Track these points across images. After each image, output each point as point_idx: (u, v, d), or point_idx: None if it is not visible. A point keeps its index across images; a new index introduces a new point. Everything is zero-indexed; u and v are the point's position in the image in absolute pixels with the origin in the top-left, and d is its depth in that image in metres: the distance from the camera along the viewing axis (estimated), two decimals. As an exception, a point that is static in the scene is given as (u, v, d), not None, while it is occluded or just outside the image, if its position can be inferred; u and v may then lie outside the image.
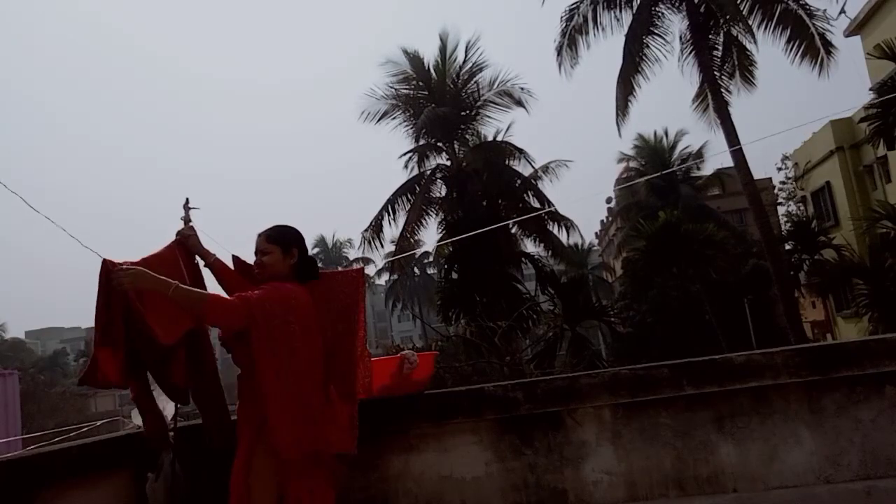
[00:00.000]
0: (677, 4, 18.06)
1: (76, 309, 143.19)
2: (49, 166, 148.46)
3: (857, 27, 21.48)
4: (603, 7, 18.35)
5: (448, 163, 21.24)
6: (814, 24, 16.71)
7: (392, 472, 3.50)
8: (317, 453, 2.97)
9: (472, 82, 21.15)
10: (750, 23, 17.36)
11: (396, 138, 22.06)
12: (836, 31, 17.83)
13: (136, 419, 3.70)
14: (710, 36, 18.13)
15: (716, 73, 18.03)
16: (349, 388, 3.24)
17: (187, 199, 3.61)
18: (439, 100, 20.73)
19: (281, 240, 3.16)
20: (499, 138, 21.27)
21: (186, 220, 3.55)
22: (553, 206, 21.05)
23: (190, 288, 2.92)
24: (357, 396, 3.27)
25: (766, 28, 17.25)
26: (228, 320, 2.91)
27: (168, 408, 3.60)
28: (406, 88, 21.57)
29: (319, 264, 3.48)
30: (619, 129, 19.06)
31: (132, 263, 2.94)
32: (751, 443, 3.26)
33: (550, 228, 21.25)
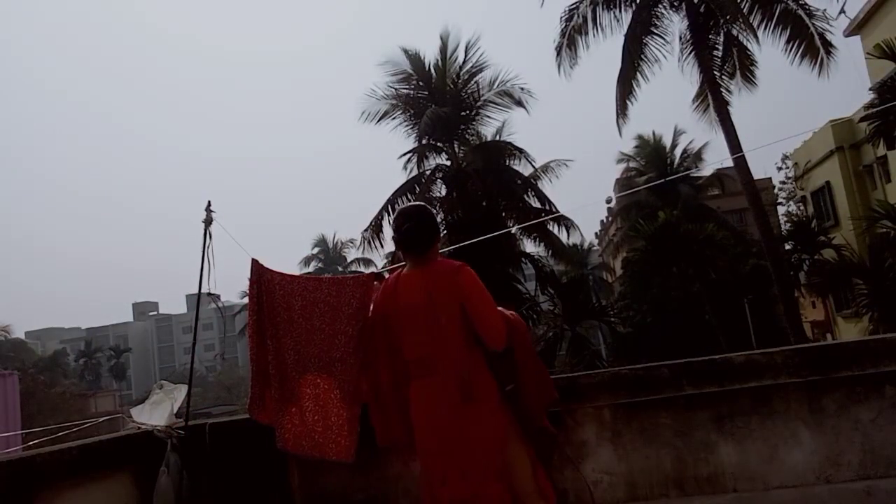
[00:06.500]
0: (677, 4, 18.03)
1: (76, 309, 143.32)
2: (63, 147, 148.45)
3: (857, 27, 21.47)
4: (602, 7, 18.32)
5: (448, 163, 21.23)
6: (813, 24, 16.68)
7: (392, 472, 3.50)
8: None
9: (473, 82, 21.14)
10: (750, 22, 17.35)
11: (396, 138, 22.08)
12: (835, 31, 17.82)
13: (137, 418, 3.70)
14: (710, 36, 18.11)
15: (716, 73, 18.01)
16: (352, 391, 3.25)
17: (209, 203, 3.63)
18: (439, 100, 20.72)
19: None
20: (498, 137, 21.29)
21: (207, 221, 3.57)
22: (553, 205, 21.06)
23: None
24: (360, 400, 3.29)
25: (765, 28, 17.22)
26: None
27: (156, 416, 3.61)
28: (406, 88, 21.55)
29: (320, 265, 3.50)
30: (619, 129, 19.06)
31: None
32: (751, 443, 3.26)
33: (550, 228, 21.25)
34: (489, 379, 2.93)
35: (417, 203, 3.25)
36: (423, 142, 21.04)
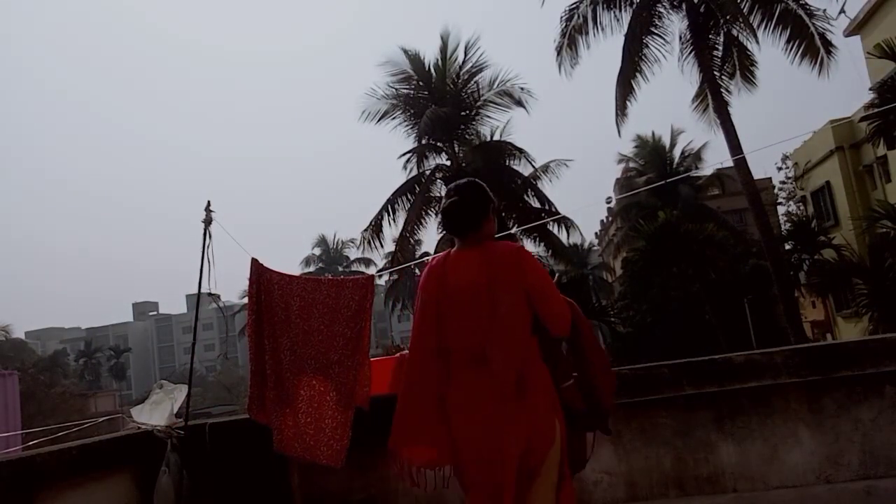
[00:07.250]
0: (677, 4, 18.03)
1: (76, 309, 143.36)
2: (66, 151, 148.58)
3: (857, 27, 21.46)
4: (603, 7, 18.32)
5: (448, 163, 21.24)
6: (813, 24, 16.68)
7: (392, 472, 3.50)
8: None
9: (472, 82, 21.15)
10: (750, 22, 17.35)
11: (396, 138, 22.10)
12: (836, 31, 17.82)
13: (138, 418, 3.70)
14: (710, 36, 18.11)
15: (716, 73, 18.01)
16: (348, 394, 3.25)
17: (208, 202, 3.66)
18: (439, 100, 20.72)
19: None
20: (498, 137, 21.30)
21: (207, 221, 3.60)
22: (553, 205, 21.08)
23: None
24: (354, 404, 3.28)
25: (765, 28, 17.23)
26: None
27: (156, 416, 3.61)
28: (406, 88, 21.56)
29: (321, 265, 3.50)
30: (618, 129, 19.07)
31: None
32: (751, 443, 3.26)
33: (550, 228, 21.26)
34: (545, 373, 2.70)
35: (467, 179, 2.94)
36: (423, 142, 21.05)
